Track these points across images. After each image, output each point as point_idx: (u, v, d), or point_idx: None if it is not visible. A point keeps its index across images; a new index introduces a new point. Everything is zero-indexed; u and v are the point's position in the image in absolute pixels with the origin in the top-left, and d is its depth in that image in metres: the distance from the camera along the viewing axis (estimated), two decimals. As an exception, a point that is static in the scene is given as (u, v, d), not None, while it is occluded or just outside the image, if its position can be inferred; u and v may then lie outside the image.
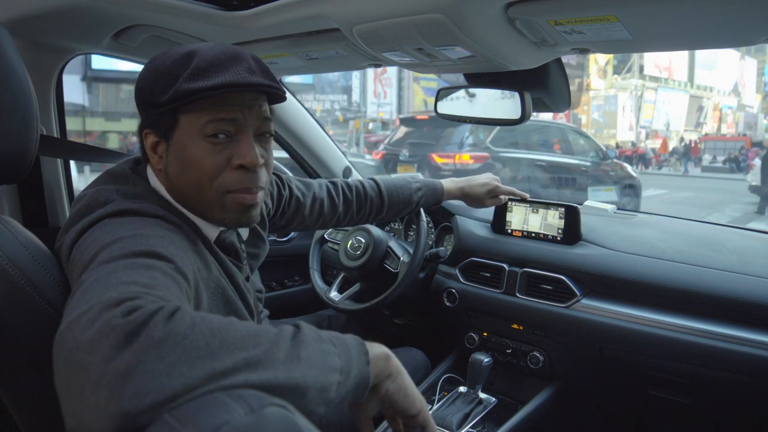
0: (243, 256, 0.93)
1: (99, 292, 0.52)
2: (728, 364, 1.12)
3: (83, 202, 0.76)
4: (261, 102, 0.78)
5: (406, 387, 0.67)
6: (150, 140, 0.78)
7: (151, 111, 0.76)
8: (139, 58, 1.36)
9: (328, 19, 0.97)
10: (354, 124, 20.38)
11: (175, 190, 0.79)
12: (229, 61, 0.74)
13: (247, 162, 0.75)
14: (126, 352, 0.45)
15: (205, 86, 0.71)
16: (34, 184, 1.26)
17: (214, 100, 0.73)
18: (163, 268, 0.60)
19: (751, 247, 1.32)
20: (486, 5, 0.81)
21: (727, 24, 0.80)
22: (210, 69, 0.72)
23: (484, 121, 1.25)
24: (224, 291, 0.80)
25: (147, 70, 0.77)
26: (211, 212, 0.79)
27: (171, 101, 0.72)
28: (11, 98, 0.80)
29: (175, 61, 0.74)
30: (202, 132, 0.74)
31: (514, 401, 1.42)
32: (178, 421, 0.42)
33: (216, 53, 0.74)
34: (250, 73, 0.75)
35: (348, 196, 1.30)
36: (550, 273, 1.36)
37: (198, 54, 0.74)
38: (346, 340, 0.62)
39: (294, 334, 0.57)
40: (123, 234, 0.65)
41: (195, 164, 0.75)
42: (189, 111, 0.74)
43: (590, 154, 7.77)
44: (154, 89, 0.74)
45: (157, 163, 0.79)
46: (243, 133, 0.76)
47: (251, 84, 0.74)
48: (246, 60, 0.76)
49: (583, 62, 23.75)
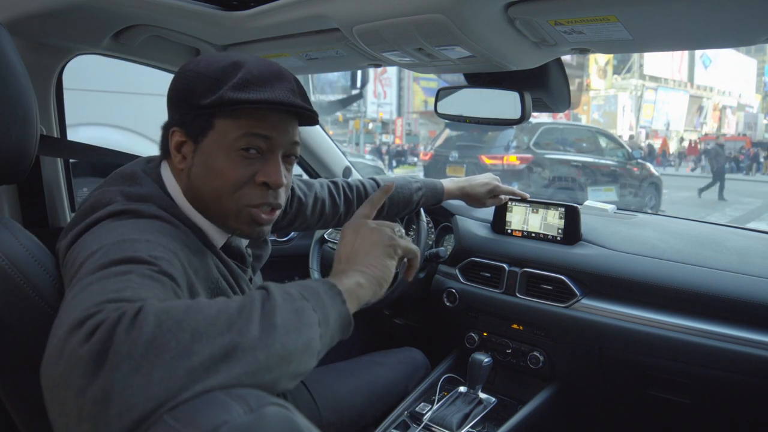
0: (249, 260, 0.93)
1: (69, 313, 0.51)
2: (728, 364, 1.12)
3: (87, 203, 0.76)
4: (294, 124, 0.80)
5: (375, 273, 0.72)
6: (176, 139, 0.78)
7: (186, 111, 0.76)
8: (139, 58, 1.36)
9: (328, 19, 0.96)
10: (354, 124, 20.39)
11: (193, 192, 0.79)
12: (275, 78, 0.76)
13: (272, 181, 0.77)
14: (98, 378, 0.44)
15: (250, 98, 0.73)
16: (34, 184, 1.26)
17: (253, 113, 0.74)
18: (140, 271, 0.59)
19: (751, 247, 1.32)
20: (486, 5, 0.81)
21: (727, 24, 0.80)
22: (256, 83, 0.74)
23: (484, 121, 1.25)
24: (225, 292, 0.80)
25: (188, 72, 0.77)
26: (225, 220, 0.80)
27: (213, 106, 0.73)
28: (11, 98, 0.80)
29: (222, 68, 0.75)
30: (235, 143, 0.75)
31: (514, 401, 1.42)
32: (178, 421, 0.42)
33: (263, 68, 0.76)
34: (293, 94, 0.77)
35: (349, 195, 1.30)
36: (550, 273, 1.36)
37: (245, 66, 0.75)
38: (316, 288, 0.62)
39: (263, 300, 0.56)
40: (108, 240, 0.64)
41: (220, 173, 0.76)
42: (226, 118, 0.75)
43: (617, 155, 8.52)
44: (196, 91, 0.75)
45: (180, 163, 0.79)
46: (273, 152, 0.78)
47: (294, 105, 0.76)
48: (289, 80, 0.78)
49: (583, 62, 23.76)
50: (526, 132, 7.84)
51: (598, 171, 8.29)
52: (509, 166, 7.40)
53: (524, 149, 7.72)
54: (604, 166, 8.35)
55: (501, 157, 7.53)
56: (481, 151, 7.89)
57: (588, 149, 8.54)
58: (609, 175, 8.30)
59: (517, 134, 7.83)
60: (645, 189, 8.50)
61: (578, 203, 1.47)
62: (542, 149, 7.84)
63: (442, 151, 8.53)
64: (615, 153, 8.57)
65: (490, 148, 7.86)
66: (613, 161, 8.43)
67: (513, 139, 7.79)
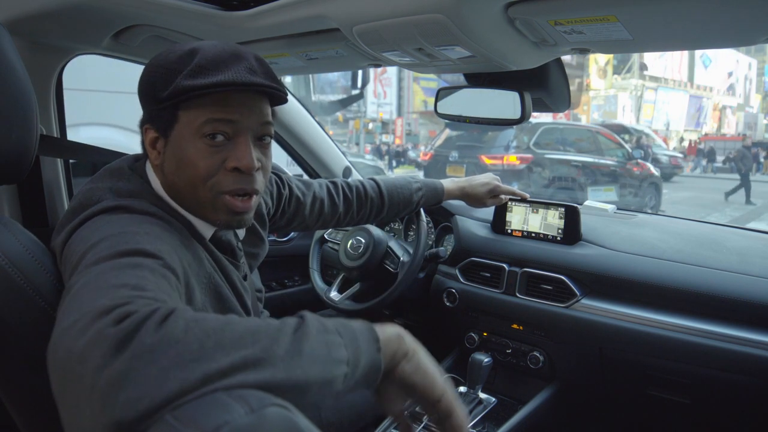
0: (240, 254, 0.93)
1: (89, 298, 0.52)
2: (728, 364, 1.12)
3: (77, 200, 0.77)
4: (262, 104, 0.77)
5: (425, 366, 0.63)
6: (150, 136, 0.78)
7: (151, 106, 0.76)
8: (139, 58, 1.36)
9: (328, 19, 0.96)
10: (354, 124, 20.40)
11: (170, 187, 0.79)
12: (231, 59, 0.73)
13: (242, 165, 0.75)
14: (118, 360, 0.45)
15: (204, 84, 0.71)
16: (34, 184, 1.26)
17: (215, 98, 0.73)
18: (150, 266, 0.59)
19: (751, 247, 1.31)
20: (486, 5, 0.81)
21: (727, 24, 0.80)
22: (211, 67, 0.72)
23: (483, 121, 1.25)
24: (218, 287, 0.80)
25: (150, 66, 0.77)
26: (203, 211, 0.79)
27: (170, 97, 0.72)
28: (11, 98, 0.80)
29: (178, 58, 0.74)
30: (199, 131, 0.74)
31: (514, 401, 1.42)
32: (179, 421, 0.42)
33: (218, 51, 0.74)
34: (251, 72, 0.74)
35: (348, 195, 1.30)
36: (550, 273, 1.36)
37: (200, 52, 0.73)
38: (354, 327, 0.59)
39: (297, 327, 0.55)
40: (110, 232, 0.65)
41: (190, 164, 0.75)
42: (189, 108, 0.73)
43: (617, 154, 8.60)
44: (156, 85, 0.74)
45: (155, 159, 0.79)
46: (241, 135, 0.75)
47: (251, 84, 0.73)
48: (247, 59, 0.75)
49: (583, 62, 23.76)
50: (526, 132, 7.89)
51: (598, 171, 8.35)
52: (509, 166, 7.46)
53: (524, 149, 7.78)
54: (604, 166, 8.40)
55: (501, 157, 7.59)
56: (481, 151, 7.94)
57: (588, 149, 8.59)
58: (609, 175, 8.36)
59: (517, 134, 7.89)
60: (645, 189, 8.56)
61: (578, 203, 1.47)
62: (542, 149, 7.90)
63: (442, 151, 8.59)
64: (615, 153, 8.63)
65: (490, 148, 7.91)
66: (613, 161, 8.48)
67: (513, 139, 7.85)
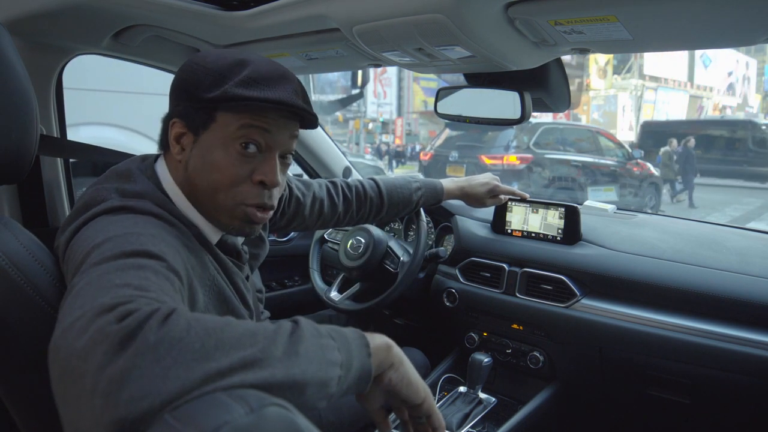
0: (245, 257, 0.94)
1: (92, 296, 0.52)
2: (728, 364, 1.12)
3: (82, 200, 0.77)
4: (294, 126, 0.81)
5: (409, 376, 0.68)
6: (176, 130, 0.79)
7: (189, 103, 0.77)
8: (139, 58, 1.36)
9: (328, 19, 0.97)
10: (354, 124, 20.39)
11: (188, 185, 0.80)
12: (280, 79, 0.77)
13: (269, 180, 0.78)
14: (120, 358, 0.45)
15: (255, 96, 0.74)
16: (34, 184, 1.26)
17: (256, 111, 0.76)
18: (154, 267, 0.60)
19: (751, 247, 1.32)
20: (486, 5, 0.81)
21: (727, 24, 0.80)
22: (261, 81, 0.75)
23: (484, 121, 1.25)
24: (221, 289, 0.81)
25: (193, 65, 0.78)
26: (218, 216, 0.81)
27: (217, 100, 0.74)
28: (11, 98, 0.80)
29: (228, 65, 0.76)
30: (234, 136, 0.76)
31: (514, 401, 1.42)
32: (179, 421, 0.42)
33: (269, 69, 0.77)
34: (296, 95, 0.78)
35: (348, 195, 1.30)
36: (550, 273, 1.36)
37: (251, 64, 0.76)
38: (346, 333, 0.63)
39: (292, 329, 0.57)
40: (114, 233, 0.65)
41: (218, 168, 0.77)
42: (228, 113, 0.76)
43: (617, 154, 8.60)
44: (201, 85, 0.76)
45: (178, 154, 0.80)
46: (271, 151, 0.79)
47: (296, 106, 0.77)
48: (294, 83, 0.79)
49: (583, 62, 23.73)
50: (526, 132, 7.91)
51: (598, 171, 8.36)
52: (509, 166, 7.47)
53: (524, 149, 7.79)
54: (604, 166, 8.41)
55: (501, 157, 7.60)
56: (481, 151, 7.96)
57: (588, 149, 8.60)
58: (609, 175, 8.36)
59: (517, 134, 7.90)
60: (645, 189, 8.57)
61: (578, 203, 1.47)
62: (542, 149, 7.91)
63: (442, 151, 8.61)
64: (615, 153, 8.64)
65: (490, 148, 7.93)
66: (613, 161, 8.48)
67: (513, 139, 7.87)
